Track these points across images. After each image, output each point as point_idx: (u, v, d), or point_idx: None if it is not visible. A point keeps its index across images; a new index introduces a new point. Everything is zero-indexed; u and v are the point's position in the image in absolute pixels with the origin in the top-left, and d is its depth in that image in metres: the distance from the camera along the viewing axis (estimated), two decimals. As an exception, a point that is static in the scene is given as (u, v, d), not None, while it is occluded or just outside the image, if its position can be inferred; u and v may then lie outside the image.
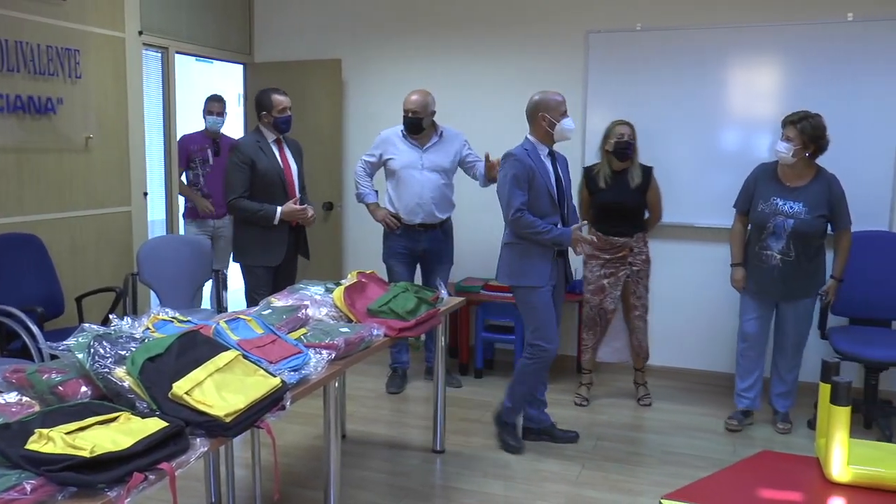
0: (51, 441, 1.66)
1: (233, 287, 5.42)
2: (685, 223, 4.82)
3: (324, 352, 2.59)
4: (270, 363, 2.34)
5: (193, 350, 2.19)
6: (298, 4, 5.68)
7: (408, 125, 4.44)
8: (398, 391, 4.74)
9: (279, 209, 4.07)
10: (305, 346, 2.59)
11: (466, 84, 5.26)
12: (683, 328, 4.94)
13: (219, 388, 2.06)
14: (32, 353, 3.45)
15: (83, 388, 2.02)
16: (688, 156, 4.77)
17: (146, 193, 4.89)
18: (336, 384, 2.69)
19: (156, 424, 1.83)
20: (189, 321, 2.56)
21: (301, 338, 2.68)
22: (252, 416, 2.08)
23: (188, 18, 5.25)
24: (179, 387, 1.98)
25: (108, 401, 2.00)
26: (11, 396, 2.01)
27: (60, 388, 2.01)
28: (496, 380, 4.94)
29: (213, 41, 5.50)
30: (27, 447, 1.65)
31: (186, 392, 1.98)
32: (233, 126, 6.06)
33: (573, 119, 3.71)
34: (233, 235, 4.40)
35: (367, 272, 3.51)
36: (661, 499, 2.22)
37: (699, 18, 4.70)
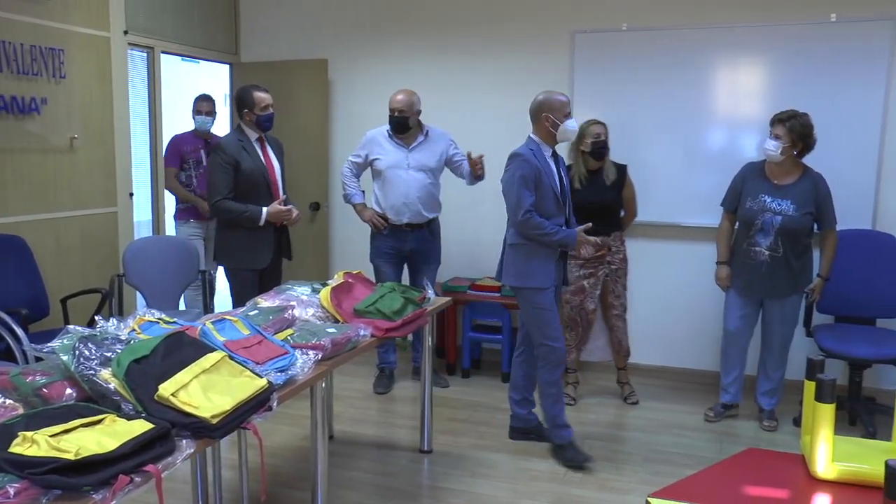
0: (35, 444, 1.65)
1: (220, 287, 5.40)
2: (672, 222, 4.84)
3: (310, 352, 2.59)
4: (257, 364, 2.34)
5: (179, 351, 2.18)
6: (285, 4, 5.66)
7: (394, 124, 4.43)
8: (385, 391, 4.74)
9: (265, 210, 4.01)
10: (292, 347, 2.58)
11: (453, 84, 5.26)
12: (670, 326, 4.96)
13: (205, 390, 2.05)
14: (17, 356, 3.42)
15: (68, 391, 2.01)
16: (673, 155, 4.79)
17: (132, 194, 4.85)
18: (323, 385, 2.69)
19: (141, 426, 1.82)
20: (175, 322, 2.55)
21: (288, 338, 2.68)
22: (239, 418, 2.07)
23: (174, 18, 5.21)
24: (165, 388, 1.97)
25: (94, 403, 1.98)
26: (-6, 399, 1.99)
27: (45, 391, 1.99)
28: (483, 379, 4.95)
29: (199, 41, 5.47)
30: (10, 450, 1.64)
31: (172, 394, 1.97)
32: (221, 126, 6.02)
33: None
34: (215, 237, 4.30)
35: (354, 272, 3.51)
36: (649, 497, 2.23)
37: (685, 19, 4.72)
